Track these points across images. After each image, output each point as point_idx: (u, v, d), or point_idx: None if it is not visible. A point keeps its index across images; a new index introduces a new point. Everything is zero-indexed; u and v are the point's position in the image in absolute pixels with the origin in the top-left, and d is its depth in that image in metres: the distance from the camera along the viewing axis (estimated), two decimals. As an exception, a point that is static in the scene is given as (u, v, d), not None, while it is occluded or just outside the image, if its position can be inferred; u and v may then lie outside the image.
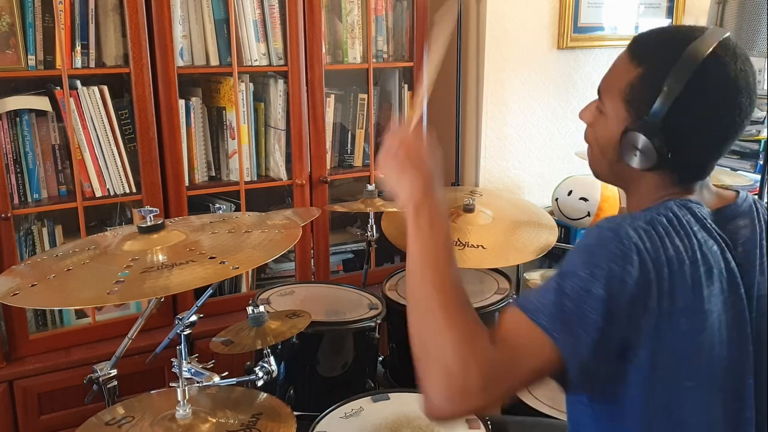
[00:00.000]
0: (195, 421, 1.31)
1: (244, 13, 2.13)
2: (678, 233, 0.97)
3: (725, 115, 1.00)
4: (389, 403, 1.60)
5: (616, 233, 0.94)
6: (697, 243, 0.98)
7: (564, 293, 0.92)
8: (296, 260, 2.37)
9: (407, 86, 2.50)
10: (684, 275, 0.95)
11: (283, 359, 1.77)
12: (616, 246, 0.93)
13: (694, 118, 0.99)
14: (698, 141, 1.01)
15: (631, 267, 0.91)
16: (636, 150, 1.01)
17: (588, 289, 0.90)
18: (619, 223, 0.96)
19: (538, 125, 2.79)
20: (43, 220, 2.03)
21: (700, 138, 1.01)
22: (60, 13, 1.87)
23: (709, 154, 1.04)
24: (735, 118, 1.00)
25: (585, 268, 0.92)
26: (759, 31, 2.77)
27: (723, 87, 0.99)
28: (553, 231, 2.17)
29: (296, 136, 2.26)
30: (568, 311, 0.90)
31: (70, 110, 1.93)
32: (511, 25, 2.62)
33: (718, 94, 0.99)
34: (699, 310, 0.96)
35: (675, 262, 0.94)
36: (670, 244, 0.95)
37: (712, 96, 0.99)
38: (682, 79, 0.97)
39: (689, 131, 1.00)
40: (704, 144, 1.02)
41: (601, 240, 0.94)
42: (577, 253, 0.96)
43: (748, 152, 2.95)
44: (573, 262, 0.95)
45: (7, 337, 1.96)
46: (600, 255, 0.93)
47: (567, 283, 0.92)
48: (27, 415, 1.97)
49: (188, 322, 1.52)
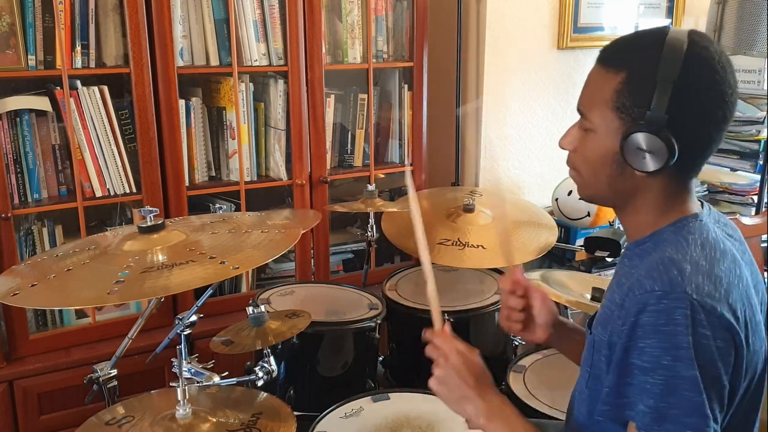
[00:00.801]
0: (195, 420, 1.31)
1: (244, 13, 2.13)
2: (712, 259, 0.96)
3: (719, 96, 0.99)
4: (389, 403, 1.60)
5: (674, 299, 0.92)
6: (731, 257, 0.99)
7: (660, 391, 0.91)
8: (296, 260, 2.37)
9: (407, 86, 2.50)
10: (741, 296, 0.96)
11: (283, 359, 1.77)
12: (681, 314, 0.91)
13: (693, 104, 0.98)
14: (701, 129, 1.00)
15: (704, 328, 0.90)
16: (644, 152, 0.98)
17: (680, 375, 0.90)
18: (670, 280, 0.93)
19: (538, 125, 2.79)
20: (43, 220, 2.03)
21: (703, 125, 1.00)
22: (60, 13, 1.87)
23: (711, 142, 1.02)
24: (727, 98, 1.00)
25: (666, 355, 0.91)
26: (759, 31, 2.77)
27: (712, 68, 0.99)
28: (553, 231, 2.17)
29: (296, 136, 2.26)
30: (673, 407, 0.90)
31: (70, 110, 1.93)
32: (511, 25, 2.62)
33: (709, 75, 0.99)
34: (758, 321, 0.98)
35: (732, 289, 0.95)
36: (719, 273, 0.95)
37: (705, 79, 0.98)
38: (674, 68, 0.97)
39: (692, 120, 0.99)
40: (707, 132, 1.01)
41: (664, 313, 0.92)
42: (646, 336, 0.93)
43: (748, 152, 2.95)
44: (648, 350, 0.92)
45: (7, 337, 1.96)
46: (671, 333, 0.91)
47: (657, 379, 0.91)
48: (27, 415, 1.97)
49: (188, 322, 1.52)
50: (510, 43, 2.64)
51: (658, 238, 1.04)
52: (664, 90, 0.97)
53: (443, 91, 2.70)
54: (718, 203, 3.01)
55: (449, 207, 2.23)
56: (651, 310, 0.93)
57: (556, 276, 2.19)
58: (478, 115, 2.68)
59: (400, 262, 2.66)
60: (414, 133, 2.52)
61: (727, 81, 0.99)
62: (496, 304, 1.98)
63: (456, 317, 1.91)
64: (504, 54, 2.64)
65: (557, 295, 1.95)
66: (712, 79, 0.98)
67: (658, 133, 0.97)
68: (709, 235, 1.00)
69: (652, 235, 1.05)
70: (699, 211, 1.06)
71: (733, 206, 2.96)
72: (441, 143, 2.75)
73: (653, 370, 0.91)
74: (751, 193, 2.89)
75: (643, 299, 0.94)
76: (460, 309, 1.96)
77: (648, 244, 1.04)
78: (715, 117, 1.00)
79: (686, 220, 1.03)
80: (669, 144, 0.97)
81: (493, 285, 2.11)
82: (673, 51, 0.97)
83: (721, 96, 0.99)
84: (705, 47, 0.99)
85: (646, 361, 0.92)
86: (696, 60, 0.97)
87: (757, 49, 2.80)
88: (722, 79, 0.99)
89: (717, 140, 1.03)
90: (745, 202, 2.92)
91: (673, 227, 1.03)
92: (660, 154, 0.98)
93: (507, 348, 2.09)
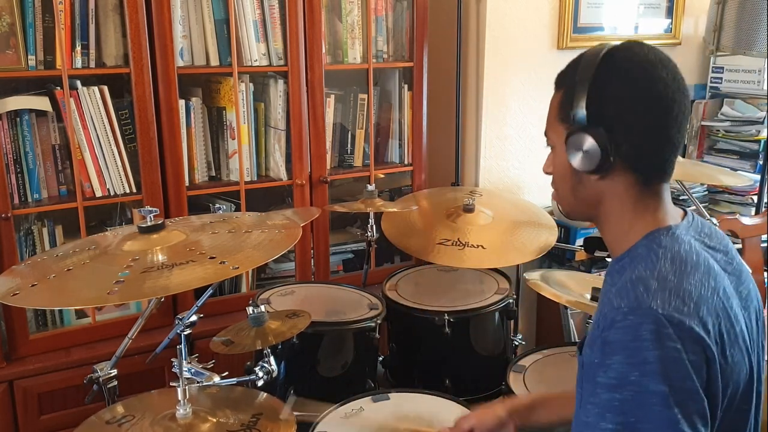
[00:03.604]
0: (195, 420, 1.31)
1: (244, 13, 2.13)
2: (681, 274, 0.96)
3: (647, 90, 1.00)
4: (389, 403, 1.60)
5: (639, 315, 0.91)
6: (705, 268, 0.98)
7: (628, 408, 0.89)
8: (296, 260, 2.37)
9: (407, 86, 2.50)
10: (714, 309, 0.94)
11: (283, 359, 1.77)
12: (647, 329, 0.90)
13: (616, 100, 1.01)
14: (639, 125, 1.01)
15: (672, 341, 0.89)
16: (580, 152, 1.03)
17: (648, 390, 0.88)
18: (636, 297, 0.93)
19: (538, 125, 2.79)
20: (43, 220, 2.03)
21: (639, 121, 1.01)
22: (60, 13, 1.87)
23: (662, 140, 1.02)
24: (664, 93, 1.00)
25: (633, 370, 0.89)
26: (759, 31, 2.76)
27: (635, 64, 1.01)
28: (552, 231, 2.18)
29: (296, 136, 2.26)
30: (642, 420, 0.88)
31: (70, 110, 1.93)
32: (511, 25, 2.62)
33: (627, 72, 1.01)
34: (736, 334, 0.97)
35: (702, 303, 0.93)
36: (688, 287, 0.94)
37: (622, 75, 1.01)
38: (589, 69, 1.02)
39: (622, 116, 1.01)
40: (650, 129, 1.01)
41: (629, 329, 0.91)
42: (613, 353, 0.92)
43: (748, 152, 2.95)
44: (615, 366, 0.91)
45: (7, 337, 1.96)
46: (637, 348, 0.90)
47: (625, 394, 0.89)
48: (27, 415, 1.97)
49: (188, 322, 1.52)
50: (510, 43, 2.64)
51: (633, 254, 1.03)
52: (581, 89, 1.02)
53: (443, 91, 2.70)
54: (718, 203, 3.01)
55: (449, 207, 2.23)
56: (618, 326, 0.92)
57: (556, 276, 2.18)
58: (478, 115, 2.68)
59: (400, 262, 2.66)
60: (414, 133, 2.52)
61: (657, 76, 1.00)
62: (497, 304, 1.98)
63: (456, 317, 1.91)
64: (504, 54, 2.64)
65: (557, 295, 1.95)
66: (633, 75, 1.01)
67: (585, 129, 1.01)
68: (681, 248, 1.00)
69: (628, 251, 1.05)
70: (674, 223, 1.05)
71: (733, 206, 2.96)
72: (441, 143, 2.75)
73: (621, 387, 0.90)
74: (751, 193, 2.89)
75: (611, 316, 0.94)
76: (460, 309, 1.96)
77: (625, 260, 1.04)
78: (649, 113, 1.01)
79: (658, 233, 1.03)
80: (597, 139, 1.00)
81: (493, 285, 2.11)
82: (592, 55, 1.03)
83: (647, 92, 1.00)
84: (628, 48, 1.03)
85: (613, 378, 0.91)
86: (611, 59, 1.02)
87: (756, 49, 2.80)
88: (648, 75, 1.00)
89: (669, 139, 1.03)
90: (745, 202, 2.92)
91: (645, 241, 1.03)
92: (593, 150, 1.01)
93: (507, 348, 2.09)
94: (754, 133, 2.92)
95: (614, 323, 0.93)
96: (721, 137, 3.03)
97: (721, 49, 2.92)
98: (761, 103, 2.95)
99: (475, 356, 1.98)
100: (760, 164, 2.87)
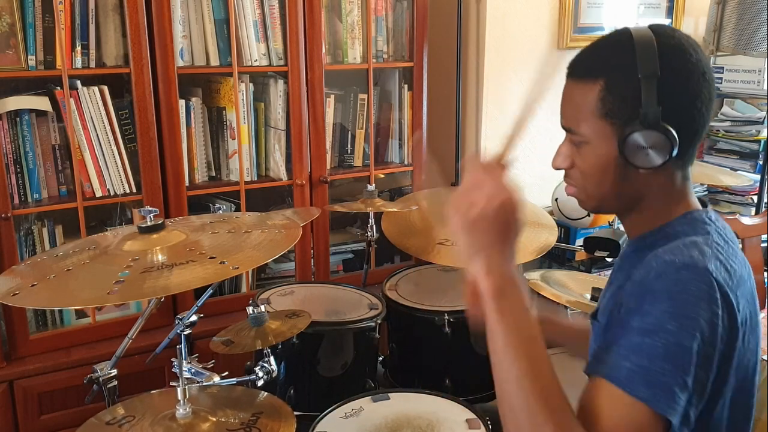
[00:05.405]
0: (195, 420, 1.31)
1: (244, 13, 2.13)
2: (727, 251, 0.97)
3: (700, 77, 1.00)
4: (389, 403, 1.60)
5: (694, 272, 0.90)
6: (741, 256, 1.00)
7: (656, 354, 0.87)
8: (296, 260, 2.37)
9: (407, 86, 2.50)
10: (745, 293, 0.95)
11: (283, 359, 1.77)
12: (697, 287, 0.89)
13: (680, 91, 0.99)
14: (692, 113, 1.01)
15: (717, 307, 0.89)
16: (646, 149, 0.98)
17: (681, 344, 0.87)
18: (691, 256, 0.92)
19: (538, 125, 2.79)
20: (43, 220, 2.03)
21: (692, 109, 1.00)
22: (60, 13, 1.87)
23: (704, 123, 1.03)
24: (707, 76, 1.01)
25: (672, 321, 0.87)
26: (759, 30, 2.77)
27: (686, 53, 1.00)
28: (553, 231, 2.17)
29: (296, 136, 2.26)
30: (666, 374, 0.86)
31: (71, 110, 1.93)
32: (511, 25, 2.62)
33: (686, 60, 1.00)
34: (757, 323, 0.98)
35: (740, 283, 0.94)
36: (731, 265, 0.95)
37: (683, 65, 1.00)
38: (653, 62, 0.98)
39: (682, 106, 1.00)
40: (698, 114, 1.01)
41: (680, 282, 0.90)
42: (656, 301, 0.90)
43: (748, 152, 2.95)
44: (655, 313, 0.89)
45: (7, 337, 1.96)
46: (684, 301, 0.88)
47: (657, 341, 0.87)
48: (27, 415, 1.97)
49: (188, 322, 1.52)
50: (510, 43, 2.64)
51: (669, 230, 1.03)
52: (649, 85, 0.98)
53: (443, 91, 2.70)
54: (718, 203, 3.01)
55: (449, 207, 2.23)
56: (668, 277, 0.90)
57: (556, 276, 2.19)
58: (478, 115, 2.68)
59: (400, 262, 2.66)
60: (414, 133, 2.52)
61: (702, 61, 1.01)
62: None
63: (456, 317, 1.91)
64: (504, 54, 2.64)
65: (557, 295, 1.96)
66: (691, 63, 1.00)
67: (656, 127, 0.98)
68: (727, 232, 1.02)
69: (659, 228, 1.04)
70: (703, 209, 1.06)
71: (733, 206, 2.96)
72: (441, 143, 2.75)
73: (655, 333, 0.88)
74: (751, 193, 2.89)
75: (661, 268, 0.92)
76: (460, 309, 1.95)
77: (658, 236, 1.03)
78: (703, 98, 1.01)
79: (699, 213, 1.04)
80: (669, 135, 0.98)
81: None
82: (646, 46, 0.99)
83: (702, 76, 1.00)
84: (671, 36, 1.01)
85: (649, 323, 0.88)
86: (669, 49, 0.99)
87: (757, 49, 2.80)
88: (697, 60, 1.00)
89: (707, 120, 1.04)
90: (745, 202, 2.92)
91: (684, 220, 1.03)
92: (662, 147, 0.98)
93: (507, 348, 2.09)
94: (754, 133, 2.92)
95: (664, 274, 0.91)
96: (721, 137, 3.03)
97: (721, 49, 2.92)
98: (761, 103, 2.95)
99: (475, 356, 1.98)
100: (760, 164, 2.88)
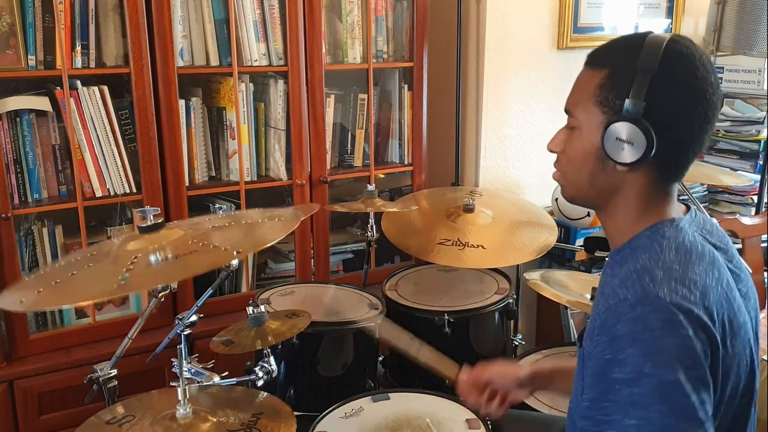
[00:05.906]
0: (195, 420, 1.31)
1: (244, 13, 2.13)
2: (685, 263, 0.96)
3: (699, 93, 0.99)
4: (389, 403, 1.60)
5: (648, 304, 0.91)
6: (710, 259, 0.98)
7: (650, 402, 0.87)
8: (296, 260, 2.37)
9: (407, 86, 2.50)
10: (716, 299, 0.94)
11: (283, 359, 1.77)
12: (657, 318, 0.89)
13: (672, 97, 0.99)
14: (681, 124, 1.00)
15: (683, 328, 0.89)
16: (623, 143, 0.99)
17: (665, 381, 0.87)
18: (643, 288, 0.92)
19: (538, 125, 2.79)
20: (43, 220, 2.03)
21: (683, 120, 1.00)
22: (60, 13, 1.87)
23: (693, 141, 1.02)
24: (708, 96, 1.00)
25: (646, 363, 0.88)
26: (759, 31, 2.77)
27: (691, 63, 0.99)
28: (552, 231, 2.18)
29: (296, 136, 2.26)
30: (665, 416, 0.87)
31: (71, 110, 1.93)
32: (511, 25, 2.62)
33: (688, 70, 0.99)
34: (739, 324, 0.97)
35: (708, 291, 0.93)
36: (693, 276, 0.94)
37: (683, 73, 0.99)
38: (653, 60, 0.98)
39: (671, 113, 0.99)
40: (688, 128, 1.01)
41: (639, 320, 0.90)
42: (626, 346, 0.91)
43: (748, 152, 2.95)
44: (629, 360, 0.90)
45: (7, 337, 1.96)
46: (649, 339, 0.89)
47: (644, 389, 0.88)
48: (27, 415, 1.97)
49: (188, 322, 1.52)
50: (510, 43, 2.64)
51: (635, 243, 1.03)
52: (642, 80, 0.98)
53: (443, 91, 2.70)
54: (718, 203, 3.01)
55: (449, 207, 2.23)
56: (626, 318, 0.91)
57: (556, 276, 2.19)
58: (478, 115, 2.68)
59: (400, 262, 2.66)
60: (414, 133, 2.52)
61: (708, 80, 1.00)
62: (497, 304, 1.98)
63: (456, 317, 1.91)
64: (504, 54, 2.64)
65: (557, 295, 1.96)
66: (692, 74, 0.99)
67: (636, 122, 0.98)
68: (685, 239, 1.00)
69: (629, 241, 1.05)
70: (678, 216, 1.05)
71: (733, 206, 2.96)
72: (441, 143, 2.75)
73: (637, 380, 0.89)
74: (751, 193, 2.89)
75: (618, 309, 0.93)
76: (460, 309, 1.96)
77: (626, 251, 1.04)
78: (696, 114, 1.00)
79: (662, 224, 1.03)
80: (647, 134, 0.97)
81: (493, 285, 2.11)
82: (653, 45, 0.99)
83: (701, 93, 0.99)
84: (686, 45, 1.01)
85: (629, 372, 0.89)
86: (675, 54, 0.99)
87: (757, 49, 2.80)
88: (702, 76, 0.99)
89: (700, 141, 1.02)
90: (745, 202, 2.92)
91: (649, 232, 1.03)
92: (638, 144, 0.98)
93: (507, 348, 2.09)
94: (754, 133, 2.92)
95: (622, 316, 0.92)
96: (722, 137, 3.03)
97: (721, 49, 2.92)
98: (761, 103, 2.95)
99: (475, 356, 1.98)
100: (760, 164, 2.87)
